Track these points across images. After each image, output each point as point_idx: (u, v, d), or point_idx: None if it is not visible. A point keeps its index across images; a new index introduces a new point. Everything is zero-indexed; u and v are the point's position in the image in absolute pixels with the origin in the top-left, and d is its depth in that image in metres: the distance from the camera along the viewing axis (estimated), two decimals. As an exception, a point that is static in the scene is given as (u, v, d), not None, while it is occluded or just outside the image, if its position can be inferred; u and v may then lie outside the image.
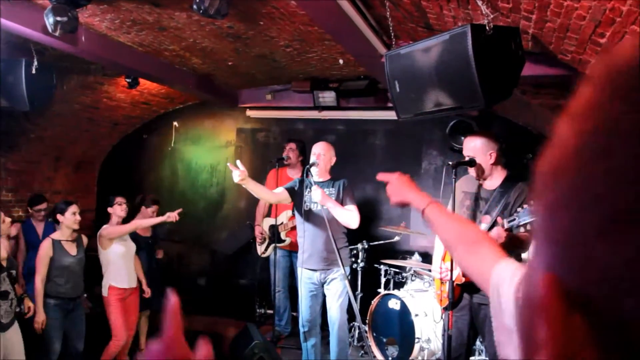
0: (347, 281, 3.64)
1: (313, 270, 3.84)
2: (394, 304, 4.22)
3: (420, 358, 4.04)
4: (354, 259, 4.64)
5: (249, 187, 3.54)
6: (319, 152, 3.86)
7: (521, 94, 3.77)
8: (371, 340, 4.34)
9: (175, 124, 6.57)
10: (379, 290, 4.62)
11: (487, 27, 2.47)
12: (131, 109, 6.06)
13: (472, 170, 2.98)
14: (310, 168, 3.83)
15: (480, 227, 2.74)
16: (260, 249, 5.30)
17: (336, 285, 3.81)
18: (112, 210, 4.15)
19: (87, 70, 4.89)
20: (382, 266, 4.73)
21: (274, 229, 4.90)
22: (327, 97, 5.37)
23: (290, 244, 4.95)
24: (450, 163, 2.91)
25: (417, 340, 3.98)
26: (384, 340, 4.26)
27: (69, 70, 4.79)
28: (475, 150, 2.96)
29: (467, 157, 2.97)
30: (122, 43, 4.14)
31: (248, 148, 6.32)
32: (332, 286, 3.83)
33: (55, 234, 3.88)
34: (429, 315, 4.04)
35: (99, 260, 4.11)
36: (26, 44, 3.83)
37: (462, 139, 3.56)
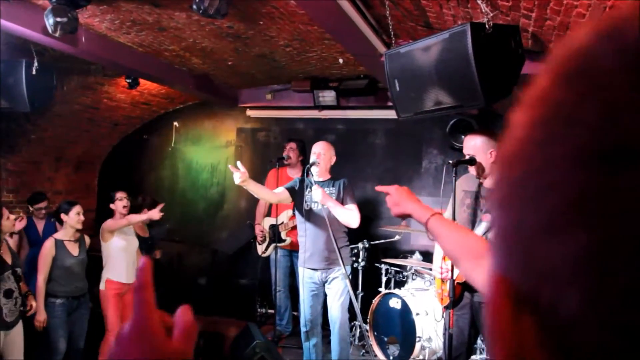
0: (348, 280, 3.64)
1: (314, 269, 3.84)
2: (395, 303, 4.23)
3: (421, 357, 4.04)
4: (354, 258, 4.63)
5: (249, 188, 3.54)
6: (319, 152, 3.86)
7: (521, 92, 3.76)
8: (372, 339, 4.34)
9: (175, 124, 6.58)
10: (379, 289, 4.62)
11: (487, 26, 2.47)
12: (131, 110, 6.06)
13: (473, 169, 2.97)
14: (311, 167, 3.83)
15: (481, 226, 2.74)
16: (260, 249, 5.30)
17: (337, 285, 3.81)
18: (114, 206, 4.18)
19: (87, 71, 4.89)
20: (383, 265, 4.73)
21: (275, 228, 4.90)
22: (327, 96, 5.37)
23: (291, 243, 4.95)
24: (451, 162, 2.90)
25: (418, 339, 3.98)
26: (385, 339, 4.26)
27: (69, 71, 4.79)
28: (476, 148, 2.95)
29: (468, 156, 2.96)
30: (122, 43, 4.14)
31: (248, 148, 6.32)
32: (333, 285, 3.83)
33: (58, 234, 3.89)
34: (430, 314, 4.04)
35: (100, 260, 4.11)
36: (26, 45, 3.83)
37: (463, 137, 3.55)
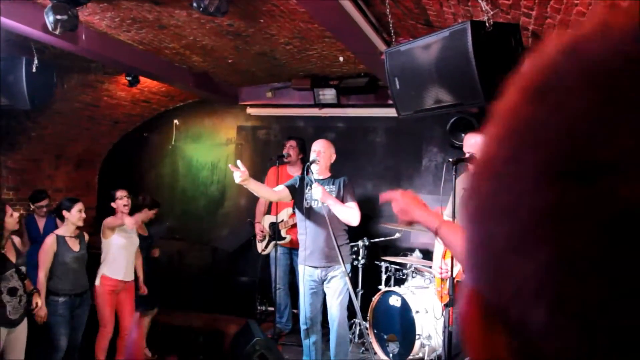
0: (347, 278, 3.64)
1: (314, 267, 3.84)
2: (394, 301, 4.23)
3: (421, 355, 4.05)
4: (354, 256, 4.63)
5: (250, 187, 3.54)
6: (319, 150, 3.86)
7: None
8: (372, 337, 4.35)
9: (175, 121, 6.57)
10: (379, 287, 4.63)
11: (487, 24, 2.47)
12: (131, 107, 6.06)
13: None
14: (311, 165, 3.83)
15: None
16: (260, 247, 5.31)
17: (337, 283, 3.82)
18: (115, 205, 4.18)
19: (88, 69, 4.89)
20: (382, 263, 4.73)
21: (275, 226, 4.90)
22: (328, 94, 5.37)
23: (291, 241, 4.95)
24: (451, 160, 2.91)
25: (417, 337, 3.99)
26: (385, 337, 4.27)
27: (69, 69, 4.79)
28: (476, 147, 2.95)
29: (468, 154, 2.96)
30: (122, 41, 4.14)
31: (248, 146, 6.32)
32: (332, 284, 3.84)
33: (59, 230, 3.91)
34: (430, 312, 4.04)
35: (99, 257, 4.12)
36: (26, 43, 3.83)
37: (463, 135, 3.56)
